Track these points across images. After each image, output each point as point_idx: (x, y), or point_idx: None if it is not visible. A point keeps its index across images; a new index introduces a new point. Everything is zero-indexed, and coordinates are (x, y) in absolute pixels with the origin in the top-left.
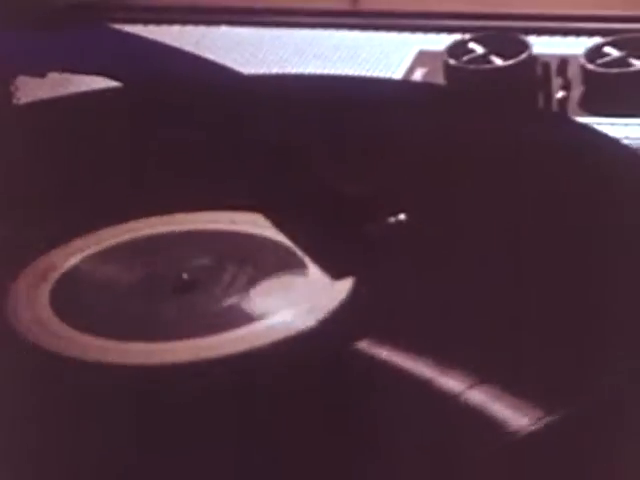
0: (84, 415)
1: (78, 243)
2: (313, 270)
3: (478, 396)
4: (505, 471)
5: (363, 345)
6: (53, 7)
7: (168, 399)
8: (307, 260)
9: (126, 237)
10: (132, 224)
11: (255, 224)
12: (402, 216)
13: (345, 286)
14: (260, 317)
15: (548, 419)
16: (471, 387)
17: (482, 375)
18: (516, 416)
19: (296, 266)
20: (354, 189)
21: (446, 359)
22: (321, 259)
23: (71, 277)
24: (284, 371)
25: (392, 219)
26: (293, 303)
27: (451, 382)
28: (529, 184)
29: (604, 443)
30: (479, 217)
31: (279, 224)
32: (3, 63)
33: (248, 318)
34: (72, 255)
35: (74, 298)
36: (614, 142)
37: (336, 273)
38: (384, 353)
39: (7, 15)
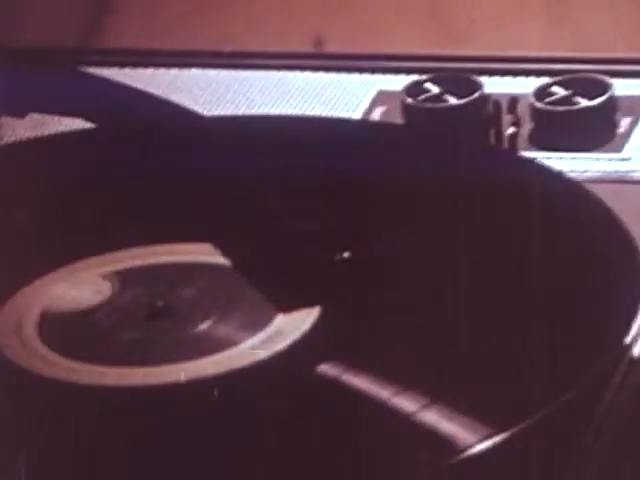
0: (65, 434)
1: (62, 273)
2: (275, 300)
3: (431, 415)
4: None
5: (324, 369)
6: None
7: (146, 419)
8: (269, 290)
9: (108, 268)
10: (112, 255)
11: (219, 255)
12: (346, 254)
13: (306, 314)
14: (228, 344)
15: (497, 438)
16: (424, 407)
17: (435, 396)
18: (466, 434)
19: (260, 295)
20: (313, 225)
21: (401, 381)
22: (281, 289)
23: (57, 305)
24: (251, 395)
25: (337, 256)
26: (259, 331)
27: (405, 402)
28: (481, 215)
29: (550, 461)
30: (432, 249)
31: (233, 257)
32: None
33: (217, 345)
34: (58, 284)
35: (60, 324)
36: (561, 175)
37: (295, 303)
38: (343, 377)
39: None
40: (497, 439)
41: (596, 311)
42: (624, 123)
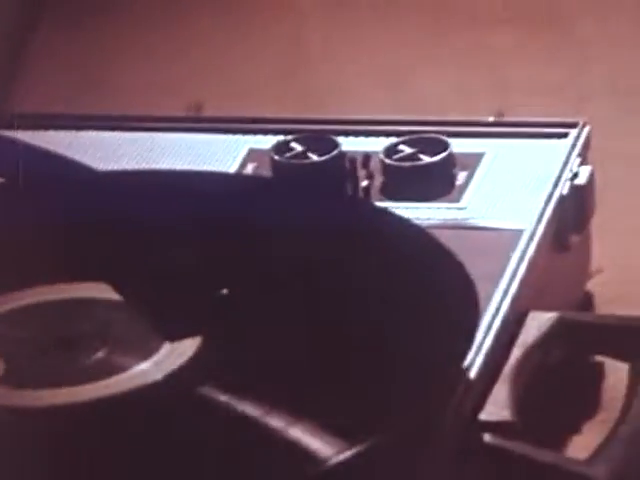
0: None
1: None
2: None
3: (296, 431)
4: None
5: (202, 391)
6: None
7: (45, 438)
8: (158, 322)
9: (10, 304)
10: (17, 293)
11: (114, 293)
12: (225, 291)
13: (190, 343)
14: (120, 369)
15: (353, 450)
16: (291, 424)
17: (300, 414)
18: (328, 447)
19: (149, 327)
20: (189, 265)
21: (270, 402)
22: (169, 322)
23: None
24: (140, 413)
25: (217, 293)
26: (147, 358)
27: (274, 420)
28: (339, 257)
29: (400, 470)
30: (297, 286)
31: (125, 293)
32: None
33: (111, 370)
34: None
35: None
36: (407, 222)
37: (182, 333)
38: (220, 398)
39: None
40: (352, 452)
41: (439, 338)
42: (461, 177)
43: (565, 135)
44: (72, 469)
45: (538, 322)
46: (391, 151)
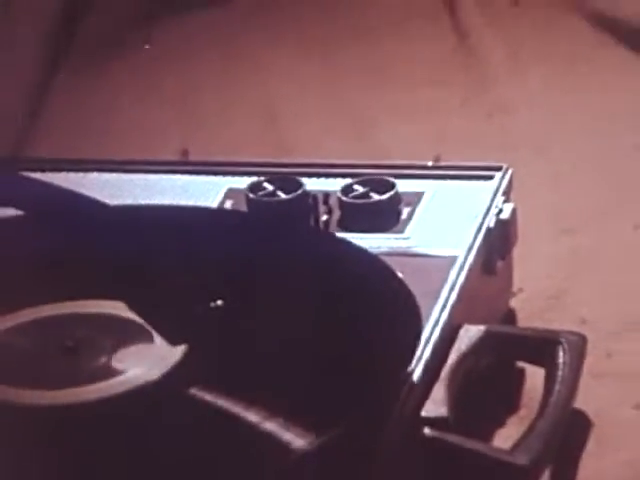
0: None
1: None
2: (158, 339)
3: (270, 425)
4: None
5: (190, 392)
6: None
7: (53, 433)
8: (153, 332)
9: (30, 317)
10: (35, 309)
11: (118, 309)
12: (219, 302)
13: (180, 350)
14: (119, 373)
15: (320, 440)
16: (265, 419)
17: (274, 410)
18: (298, 439)
19: (145, 336)
20: (187, 282)
21: (248, 400)
22: (162, 331)
23: None
24: (136, 411)
25: (212, 304)
26: (143, 362)
27: (251, 415)
28: (303, 279)
29: (356, 457)
30: (272, 303)
31: (134, 308)
32: None
33: (111, 373)
34: None
35: None
36: (361, 250)
37: (172, 341)
38: (206, 397)
39: None
40: (318, 442)
41: (387, 346)
42: (405, 212)
43: (492, 177)
44: (77, 461)
45: (470, 333)
46: (347, 190)
